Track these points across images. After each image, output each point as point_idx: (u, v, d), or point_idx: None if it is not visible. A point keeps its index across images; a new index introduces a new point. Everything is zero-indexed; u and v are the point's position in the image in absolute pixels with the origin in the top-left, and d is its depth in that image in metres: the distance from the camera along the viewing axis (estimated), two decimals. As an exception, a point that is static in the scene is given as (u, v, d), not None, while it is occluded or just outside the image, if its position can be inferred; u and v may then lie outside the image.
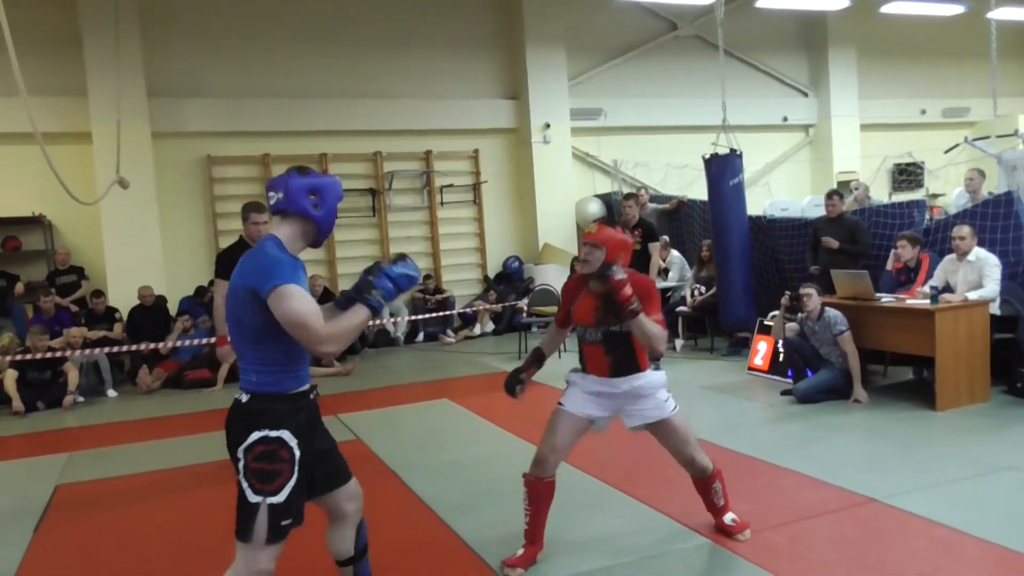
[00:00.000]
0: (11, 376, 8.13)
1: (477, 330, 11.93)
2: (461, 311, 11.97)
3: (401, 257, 2.86)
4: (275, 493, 2.59)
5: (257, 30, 11.60)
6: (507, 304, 11.90)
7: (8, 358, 8.27)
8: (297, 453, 2.64)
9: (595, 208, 12.71)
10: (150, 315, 9.78)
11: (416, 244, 12.62)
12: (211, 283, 10.73)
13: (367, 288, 2.73)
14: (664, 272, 9.82)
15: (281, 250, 2.67)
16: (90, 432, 7.25)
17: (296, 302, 2.55)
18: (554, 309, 10.34)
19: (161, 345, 9.26)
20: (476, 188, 12.93)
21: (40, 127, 6.46)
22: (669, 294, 9.86)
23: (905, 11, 14.01)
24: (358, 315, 2.68)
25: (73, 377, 8.42)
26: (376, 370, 9.69)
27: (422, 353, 10.93)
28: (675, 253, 10.28)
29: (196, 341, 9.41)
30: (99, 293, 9.76)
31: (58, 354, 8.46)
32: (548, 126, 12.81)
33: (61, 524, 4.72)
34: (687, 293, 9.52)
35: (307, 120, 11.79)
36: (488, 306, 11.95)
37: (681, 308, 9.50)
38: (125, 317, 9.80)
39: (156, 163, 10.74)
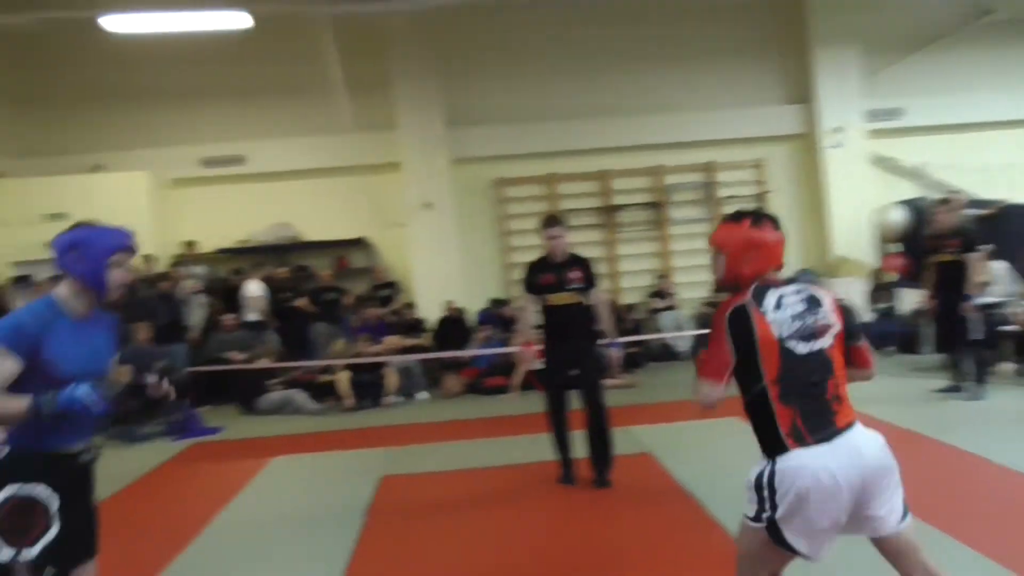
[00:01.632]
0: (345, 377, 9.28)
1: (763, 345, 11.46)
2: (746, 326, 11.55)
3: (103, 385, 2.63)
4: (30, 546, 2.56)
5: (540, 56, 12.19)
6: (797, 319, 11.29)
7: (342, 362, 9.46)
8: (53, 506, 2.60)
9: (897, 216, 11.67)
10: (454, 326, 10.65)
11: (697, 257, 12.41)
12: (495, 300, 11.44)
13: (52, 394, 2.55)
14: (986, 286, 8.72)
15: (41, 309, 2.67)
16: (406, 430, 8.01)
17: None
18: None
19: (464, 353, 10.03)
20: (761, 198, 12.47)
21: (362, 160, 7.35)
22: (993, 310, 8.74)
23: None
24: (16, 403, 2.52)
25: (392, 380, 9.40)
26: (659, 384, 9.68)
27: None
28: (1000, 264, 9.10)
29: (494, 350, 10.06)
30: (410, 305, 10.83)
31: (379, 359, 9.50)
32: (840, 130, 12.03)
33: (387, 508, 5.28)
34: (1015, 309, 8.39)
35: (590, 138, 12.17)
36: (776, 321, 11.42)
37: (1008, 327, 8.38)
38: (432, 326, 10.75)
39: (454, 187, 11.70)
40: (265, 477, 6.42)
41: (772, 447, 2.43)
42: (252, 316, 10.38)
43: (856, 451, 2.39)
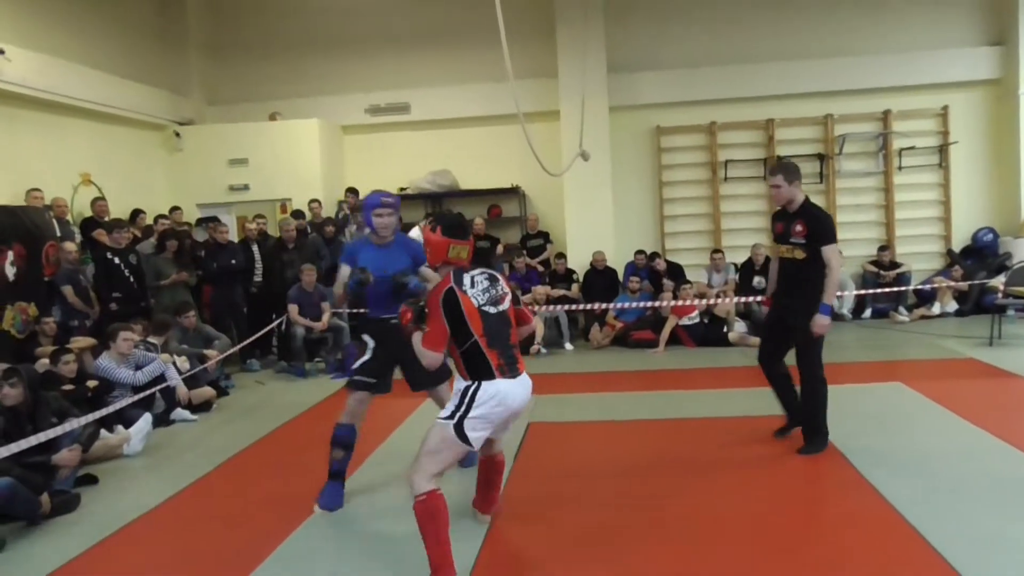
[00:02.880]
0: (492, 324, 9.52)
1: (936, 309, 10.72)
2: (918, 287, 10.84)
3: (363, 270, 4.43)
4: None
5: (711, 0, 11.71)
6: (975, 282, 10.47)
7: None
8: (371, 344, 4.60)
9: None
10: (602, 277, 10.63)
11: (867, 212, 11.72)
12: (648, 253, 11.25)
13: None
14: None
15: (359, 241, 4.92)
16: (552, 379, 8.14)
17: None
18: (1040, 291, 8.84)
19: (609, 306, 10.02)
20: (943, 150, 11.52)
21: (522, 107, 7.36)
22: None
23: None
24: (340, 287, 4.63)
25: (539, 329, 9.54)
26: (818, 344, 9.28)
27: (870, 331, 10.17)
28: None
29: (641, 304, 9.98)
30: (561, 255, 10.89)
31: (527, 308, 9.65)
32: (1043, 74, 10.85)
33: (534, 452, 5.46)
34: None
35: (754, 85, 11.61)
36: (951, 283, 10.64)
37: None
38: (581, 278, 10.78)
39: (612, 136, 11.51)
40: (420, 416, 6.75)
41: (482, 375, 3.53)
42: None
43: (525, 388, 3.64)
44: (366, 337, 4.65)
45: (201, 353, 7.81)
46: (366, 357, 4.56)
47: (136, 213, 9.87)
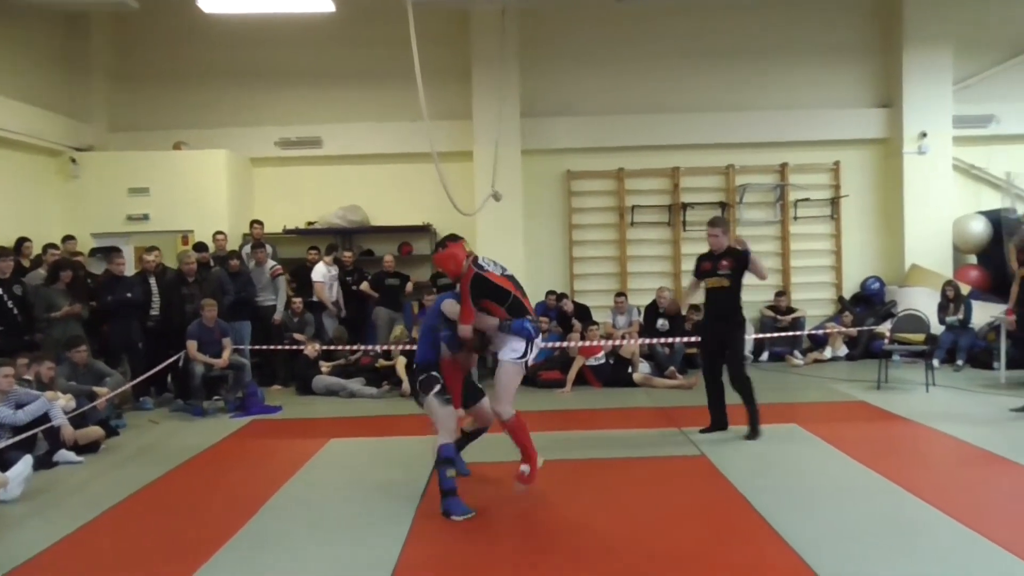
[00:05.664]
0: (402, 362, 9.42)
1: (828, 353, 11.22)
2: (812, 332, 11.33)
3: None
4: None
5: (622, 51, 12.11)
6: (864, 328, 11.02)
7: (400, 347, 9.59)
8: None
9: (979, 227, 11.26)
10: (511, 317, 10.66)
11: (765, 259, 12.03)
12: (557, 294, 11.38)
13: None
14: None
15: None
16: (462, 420, 8.07)
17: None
18: (922, 337, 9.37)
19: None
20: (835, 202, 12.17)
21: (435, 147, 7.40)
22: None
23: None
24: (488, 320, 5.15)
25: (448, 368, 9.48)
26: (719, 387, 9.54)
27: (767, 373, 10.53)
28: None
29: (550, 344, 10.05)
30: (471, 294, 10.87)
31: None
32: (924, 135, 11.66)
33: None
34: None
35: (662, 135, 12.05)
36: (843, 329, 11.17)
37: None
38: (491, 317, 10.79)
39: (523, 178, 11.70)
40: (323, 457, 6.59)
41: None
42: (314, 298, 10.58)
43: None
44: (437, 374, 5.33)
45: (90, 390, 7.41)
46: (438, 386, 5.20)
47: (21, 241, 9.33)
